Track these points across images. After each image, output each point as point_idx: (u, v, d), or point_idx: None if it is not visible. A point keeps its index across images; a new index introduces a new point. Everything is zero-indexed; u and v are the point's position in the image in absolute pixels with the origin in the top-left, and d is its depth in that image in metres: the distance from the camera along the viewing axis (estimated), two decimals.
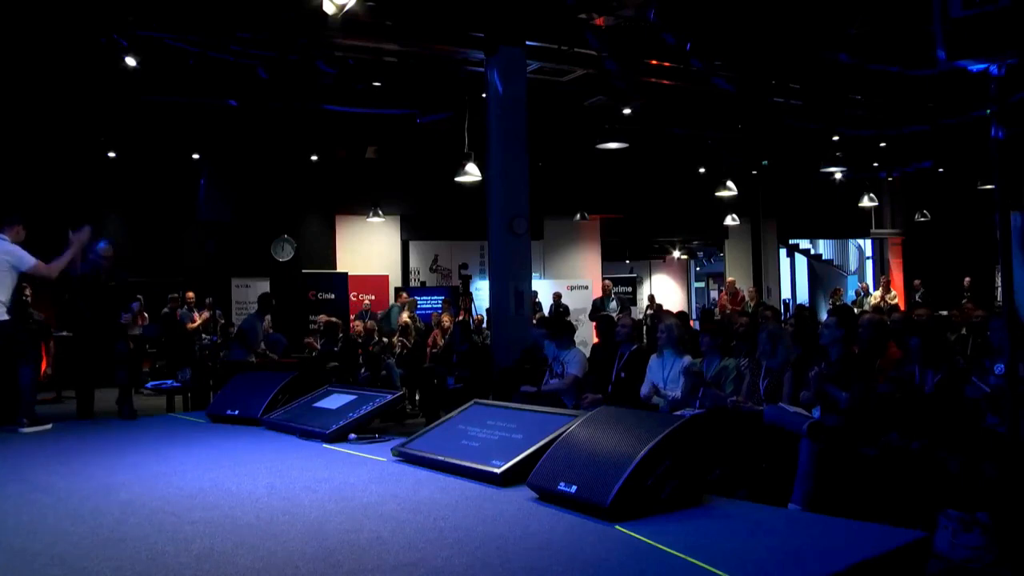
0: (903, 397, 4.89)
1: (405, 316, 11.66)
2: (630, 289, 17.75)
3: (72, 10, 7.99)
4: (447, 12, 8.78)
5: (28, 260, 6.52)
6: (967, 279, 14.35)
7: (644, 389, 5.95)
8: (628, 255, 19.58)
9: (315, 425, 5.59)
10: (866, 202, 16.49)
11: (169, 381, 9.00)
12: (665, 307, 14.95)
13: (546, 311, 13.70)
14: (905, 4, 8.33)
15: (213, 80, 9.79)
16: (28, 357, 6.51)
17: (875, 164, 15.75)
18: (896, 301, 15.34)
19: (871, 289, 16.97)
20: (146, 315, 11.86)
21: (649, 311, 14.87)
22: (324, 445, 5.27)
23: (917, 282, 15.84)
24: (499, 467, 4.04)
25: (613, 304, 13.88)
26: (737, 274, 18.45)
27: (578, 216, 16.57)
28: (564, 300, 14.70)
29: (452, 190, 12.30)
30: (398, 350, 10.31)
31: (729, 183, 14.35)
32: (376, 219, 15.13)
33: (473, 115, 10.56)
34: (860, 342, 5.62)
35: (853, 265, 21.15)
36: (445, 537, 3.20)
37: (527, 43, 8.94)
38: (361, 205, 15.16)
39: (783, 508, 4.29)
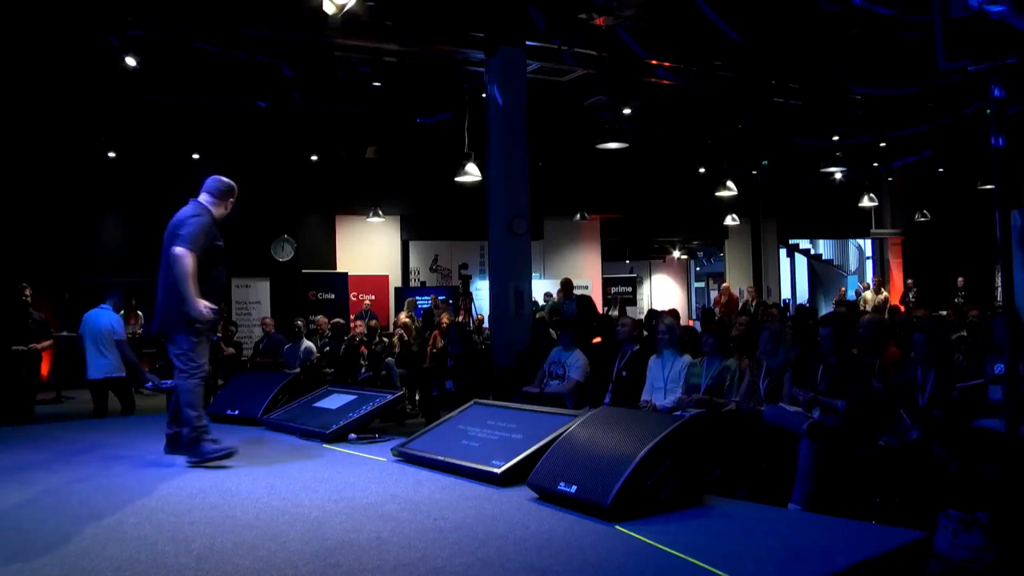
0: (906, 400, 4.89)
1: (403, 316, 11.66)
2: (630, 289, 17.76)
3: (72, 10, 7.99)
4: (447, 12, 8.78)
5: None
6: (960, 279, 14.36)
7: (644, 395, 5.95)
8: (628, 255, 19.58)
9: (315, 425, 5.59)
10: (866, 202, 16.49)
11: (169, 381, 8.98)
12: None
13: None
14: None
15: (228, 80, 9.79)
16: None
17: (875, 164, 15.75)
18: (883, 297, 15.38)
19: (881, 288, 16.96)
20: (140, 314, 11.89)
21: (612, 312, 14.18)
22: (324, 445, 5.26)
23: (910, 281, 15.86)
24: (499, 467, 4.04)
25: (572, 306, 11.19)
26: (737, 274, 18.45)
27: (578, 216, 16.57)
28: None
29: (452, 190, 12.30)
30: (397, 350, 10.31)
31: (729, 183, 14.36)
32: (376, 219, 15.14)
33: (473, 115, 10.56)
34: (860, 342, 5.62)
35: (853, 265, 21.15)
36: (445, 537, 3.19)
37: (527, 43, 8.94)
38: (361, 205, 15.17)
39: (783, 508, 4.29)
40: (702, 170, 15.75)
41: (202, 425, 4.68)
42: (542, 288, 15.07)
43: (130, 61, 8.35)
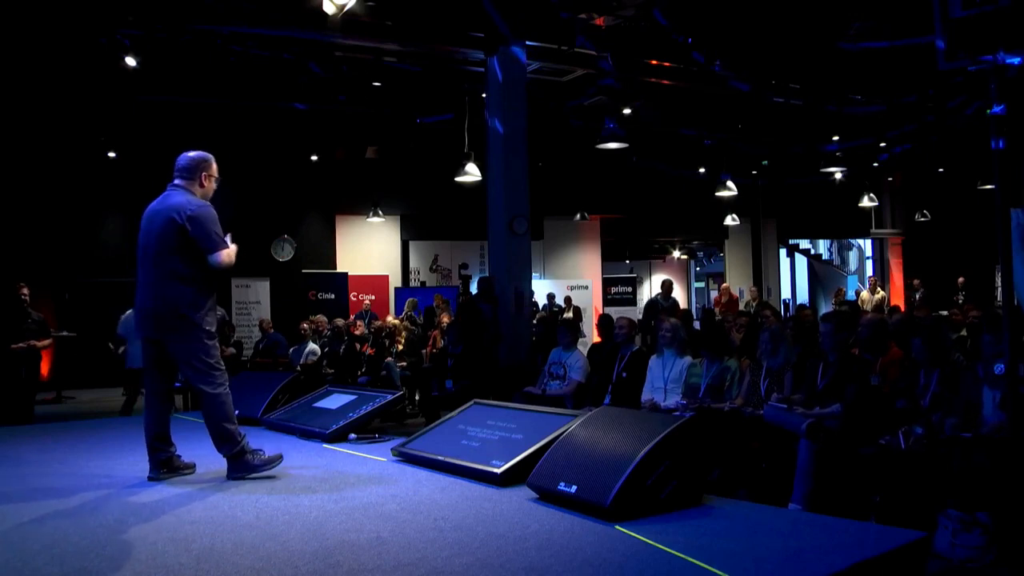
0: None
1: (390, 318, 11.65)
2: (630, 289, 17.74)
3: (72, 10, 8.00)
4: (447, 12, 8.79)
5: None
6: (960, 279, 14.38)
7: (644, 394, 5.95)
8: (628, 255, 19.60)
9: (315, 425, 5.60)
10: (866, 202, 16.49)
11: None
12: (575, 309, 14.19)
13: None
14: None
15: (229, 80, 9.80)
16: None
17: (875, 164, 15.77)
18: (880, 297, 15.40)
19: (878, 288, 16.97)
20: None
21: (567, 314, 13.42)
22: (324, 445, 5.27)
23: (916, 282, 15.84)
24: (499, 467, 4.04)
25: (489, 310, 8.78)
26: (737, 274, 18.45)
27: (578, 216, 16.57)
28: (560, 300, 14.67)
29: (452, 190, 12.30)
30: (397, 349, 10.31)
31: (729, 183, 14.35)
32: (376, 219, 15.14)
33: (473, 115, 10.56)
34: (860, 342, 5.62)
35: (853, 265, 21.15)
36: (445, 537, 3.19)
37: (527, 43, 8.94)
38: (361, 205, 15.17)
39: (783, 508, 4.29)
40: (702, 170, 15.75)
41: (243, 439, 4.27)
42: (542, 288, 15.07)
43: (130, 61, 8.35)
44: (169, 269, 4.24)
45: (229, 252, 4.32)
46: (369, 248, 15.73)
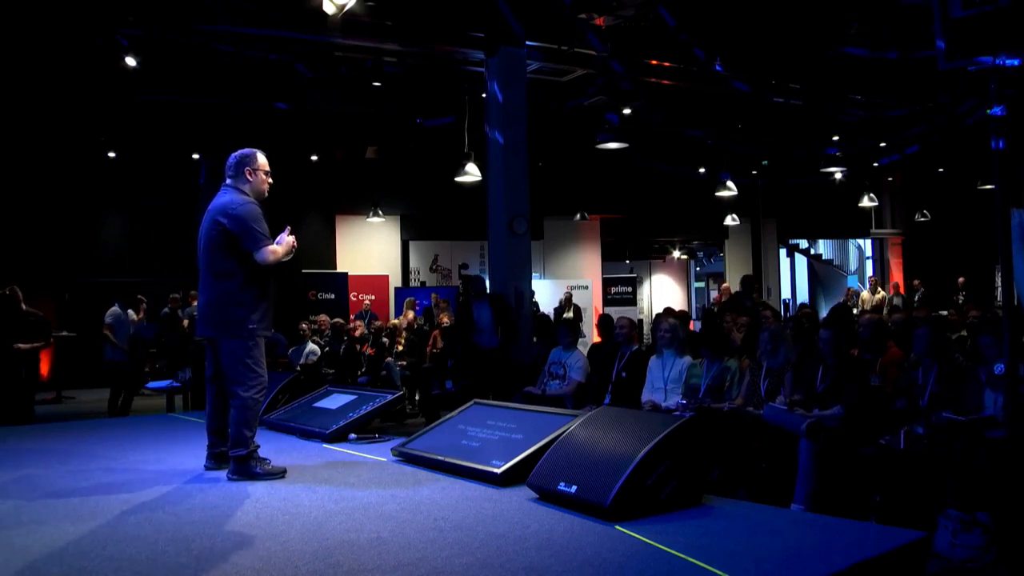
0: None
1: (407, 315, 11.65)
2: (630, 289, 17.75)
3: (72, 10, 8.00)
4: (447, 12, 8.79)
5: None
6: (961, 279, 14.38)
7: (644, 395, 5.94)
8: (628, 255, 19.58)
9: (315, 425, 5.60)
10: (866, 202, 16.48)
11: (169, 381, 9.00)
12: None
13: (549, 312, 13.63)
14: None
15: (229, 80, 9.79)
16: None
17: (875, 164, 15.77)
18: (881, 297, 15.39)
19: (878, 288, 16.97)
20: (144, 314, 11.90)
21: (567, 314, 13.32)
22: (324, 445, 5.27)
23: (916, 282, 15.84)
24: (499, 467, 4.04)
25: (485, 311, 8.07)
26: (737, 274, 18.42)
27: (578, 216, 16.57)
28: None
29: (452, 190, 12.30)
30: (397, 349, 10.30)
31: (729, 183, 14.34)
32: (376, 219, 15.14)
33: (473, 115, 10.56)
34: (860, 342, 5.63)
35: (853, 265, 21.14)
36: (445, 537, 3.20)
37: (527, 43, 8.94)
38: (361, 205, 15.17)
39: (783, 508, 4.28)
40: (702, 170, 15.74)
41: (255, 447, 4.30)
42: (542, 288, 15.05)
43: (130, 61, 8.35)
44: (216, 269, 4.34)
45: (274, 249, 4.37)
46: (369, 248, 15.72)
